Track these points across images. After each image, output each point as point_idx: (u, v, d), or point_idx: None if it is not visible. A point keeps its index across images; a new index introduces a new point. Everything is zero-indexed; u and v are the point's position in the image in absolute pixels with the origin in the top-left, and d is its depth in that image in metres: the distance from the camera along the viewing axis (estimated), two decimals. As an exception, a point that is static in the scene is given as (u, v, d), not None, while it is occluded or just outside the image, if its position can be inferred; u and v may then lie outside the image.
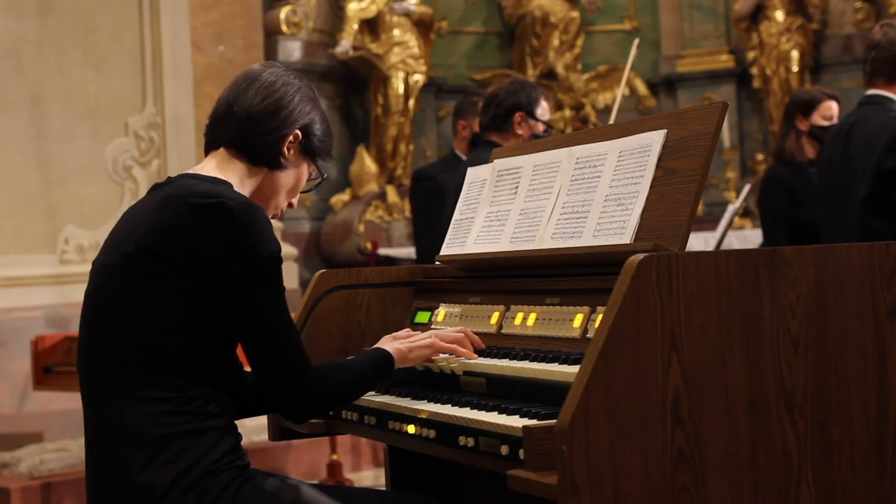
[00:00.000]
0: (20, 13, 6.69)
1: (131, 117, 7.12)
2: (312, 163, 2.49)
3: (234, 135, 2.39)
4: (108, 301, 2.26)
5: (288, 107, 2.40)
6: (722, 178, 8.88)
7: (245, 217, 2.21)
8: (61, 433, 6.38)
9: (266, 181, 2.43)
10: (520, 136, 4.39)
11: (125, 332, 2.21)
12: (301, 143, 2.43)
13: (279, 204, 2.48)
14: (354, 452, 6.49)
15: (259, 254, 2.21)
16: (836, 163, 4.21)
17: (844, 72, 8.83)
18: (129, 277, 2.22)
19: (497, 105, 4.45)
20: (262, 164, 2.41)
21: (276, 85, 2.41)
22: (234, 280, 2.20)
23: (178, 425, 2.18)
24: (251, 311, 2.22)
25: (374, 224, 8.43)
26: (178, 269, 2.19)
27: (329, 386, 2.31)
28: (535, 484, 1.89)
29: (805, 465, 2.01)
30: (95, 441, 2.26)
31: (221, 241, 2.19)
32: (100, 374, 2.25)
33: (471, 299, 2.71)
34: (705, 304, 1.95)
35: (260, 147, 2.40)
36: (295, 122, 2.41)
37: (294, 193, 2.50)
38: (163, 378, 2.19)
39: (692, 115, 2.32)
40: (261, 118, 2.39)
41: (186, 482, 2.15)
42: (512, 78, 4.63)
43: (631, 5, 9.83)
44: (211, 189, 2.26)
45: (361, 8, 8.66)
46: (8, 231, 6.59)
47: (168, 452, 2.16)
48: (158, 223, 2.22)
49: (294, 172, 2.46)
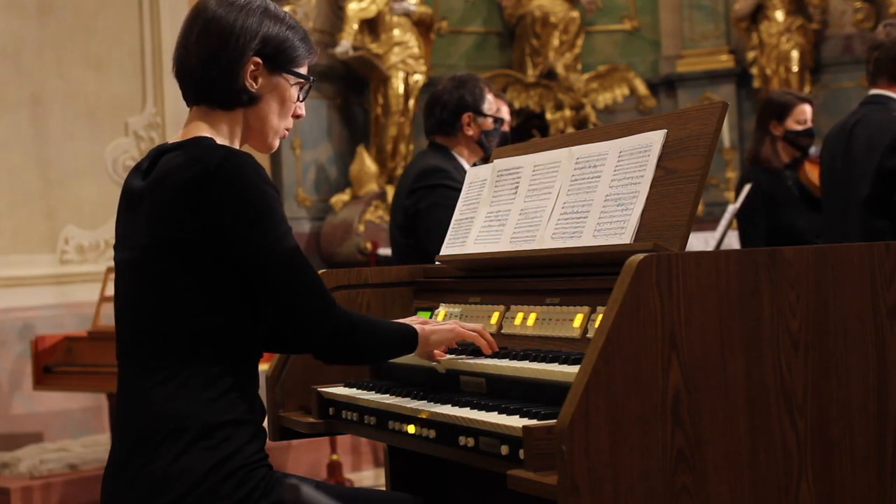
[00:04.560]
0: (20, 13, 6.69)
1: (131, 117, 7.12)
2: (290, 74, 2.36)
3: (197, 92, 2.34)
4: (136, 296, 2.26)
5: (231, 38, 2.28)
6: (722, 178, 8.88)
7: (227, 170, 2.18)
8: (61, 433, 6.38)
9: (250, 118, 2.35)
10: (470, 137, 4.18)
11: (158, 319, 2.21)
12: (265, 65, 2.33)
13: (276, 129, 2.38)
14: (354, 452, 6.50)
15: (254, 202, 2.18)
16: (837, 163, 4.21)
17: (844, 72, 8.81)
18: (152, 270, 2.22)
19: (442, 108, 4.19)
20: (235, 105, 2.33)
21: (213, 21, 2.30)
22: (240, 236, 2.18)
23: (219, 414, 2.18)
24: (264, 260, 2.19)
25: (374, 224, 8.42)
26: (193, 249, 2.18)
27: (355, 337, 2.29)
28: (535, 484, 1.89)
29: (805, 464, 2.01)
30: (128, 431, 2.24)
31: (214, 205, 2.17)
32: (140, 365, 2.24)
33: (471, 299, 2.71)
34: (705, 304, 1.95)
35: (222, 93, 2.31)
36: (244, 50, 2.29)
37: (286, 113, 2.39)
38: (201, 363, 2.19)
39: (692, 115, 2.32)
40: (209, 65, 2.29)
41: (225, 471, 2.15)
42: (452, 75, 4.35)
43: (631, 5, 9.82)
44: (189, 157, 2.21)
45: (361, 8, 8.65)
46: (8, 231, 6.59)
47: (209, 440, 2.16)
48: (161, 211, 2.21)
49: (274, 95, 2.35)
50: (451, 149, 4.22)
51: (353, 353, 2.34)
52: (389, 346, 2.40)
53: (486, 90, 4.22)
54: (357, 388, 2.66)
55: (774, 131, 5.13)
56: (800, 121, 5.13)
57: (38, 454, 5.87)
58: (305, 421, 2.72)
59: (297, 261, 2.23)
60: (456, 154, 4.21)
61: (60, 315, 6.50)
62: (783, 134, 5.12)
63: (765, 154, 5.13)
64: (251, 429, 2.23)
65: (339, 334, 2.26)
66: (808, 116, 5.15)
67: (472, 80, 4.26)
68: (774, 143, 5.13)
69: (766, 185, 5.04)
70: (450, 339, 2.46)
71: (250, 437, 2.22)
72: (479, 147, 4.22)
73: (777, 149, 5.13)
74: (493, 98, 4.29)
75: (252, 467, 2.19)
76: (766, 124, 5.16)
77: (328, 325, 2.25)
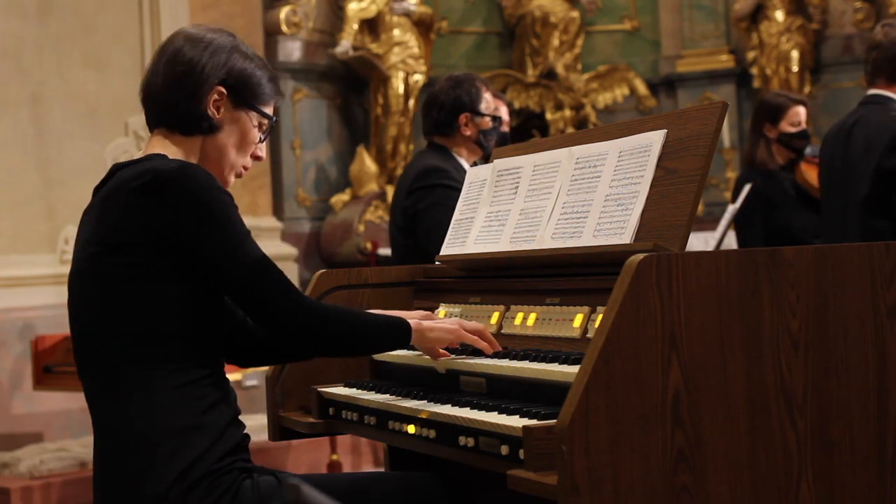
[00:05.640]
0: (20, 13, 6.69)
1: (131, 117, 7.11)
2: (253, 110, 2.39)
3: (159, 114, 2.36)
4: (88, 303, 2.27)
5: (197, 67, 2.32)
6: (722, 178, 8.88)
7: (181, 178, 2.19)
8: (61, 433, 6.38)
9: (207, 147, 2.37)
10: (468, 137, 4.17)
11: (110, 326, 2.22)
12: (229, 97, 2.36)
13: (233, 163, 2.40)
14: (354, 452, 6.50)
15: (208, 206, 2.19)
16: (836, 163, 4.21)
17: (844, 72, 8.82)
18: (102, 275, 2.23)
19: (439, 108, 4.17)
20: (195, 131, 2.35)
21: (182, 50, 2.34)
22: (195, 240, 2.19)
23: (176, 419, 2.17)
24: (222, 263, 2.20)
25: (374, 224, 8.42)
26: (145, 253, 2.19)
27: (329, 329, 2.28)
28: (535, 484, 1.89)
29: (805, 464, 2.01)
30: (98, 443, 2.25)
31: (170, 211, 2.18)
32: (95, 375, 2.26)
33: (471, 299, 2.71)
34: (705, 304, 1.95)
35: (184, 117, 2.34)
36: (209, 79, 2.33)
37: (246, 148, 2.40)
38: (158, 369, 2.19)
39: (692, 115, 2.32)
40: (173, 89, 2.33)
41: (188, 482, 2.14)
42: (449, 75, 4.32)
43: (631, 5, 9.82)
44: (142, 168, 2.23)
45: (361, 8, 8.65)
46: (8, 231, 6.59)
47: (168, 449, 2.15)
48: (111, 219, 2.23)
49: (234, 128, 2.38)
50: (450, 149, 4.21)
51: (329, 345, 2.33)
52: (371, 337, 2.38)
53: (483, 89, 4.20)
54: (357, 388, 2.66)
55: (769, 134, 5.14)
56: (794, 123, 5.12)
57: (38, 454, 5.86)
58: (305, 421, 2.72)
59: (259, 263, 2.23)
60: (455, 154, 4.21)
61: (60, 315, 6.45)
62: (778, 136, 5.12)
63: (760, 157, 5.13)
64: (213, 432, 2.20)
65: (309, 327, 2.26)
66: (801, 118, 5.15)
67: (468, 79, 4.24)
68: (769, 146, 5.13)
69: (763, 186, 5.04)
70: (449, 340, 2.46)
71: (213, 441, 2.19)
72: (477, 147, 4.21)
73: (772, 151, 5.13)
74: (491, 97, 4.27)
75: (217, 475, 2.17)
76: (761, 127, 5.16)
77: (297, 320, 2.24)
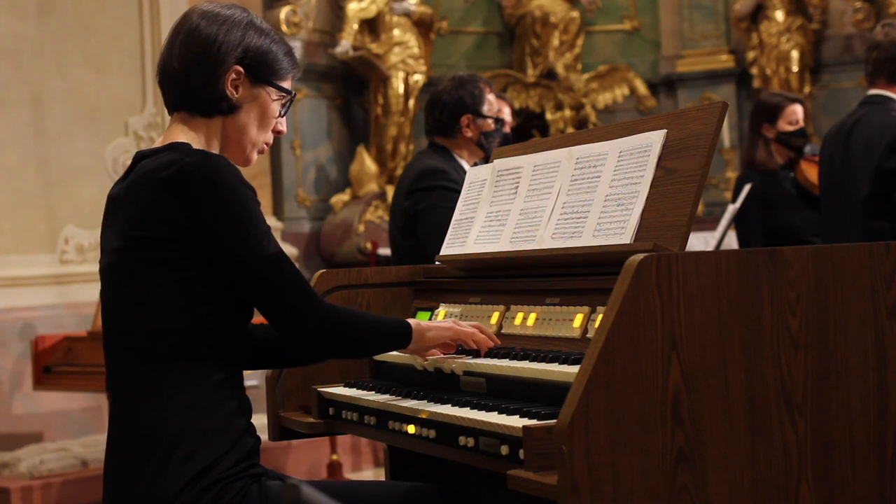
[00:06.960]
0: (20, 13, 6.69)
1: (131, 117, 7.12)
2: (271, 86, 2.38)
3: (178, 97, 2.35)
4: (117, 299, 2.26)
5: (213, 47, 2.30)
6: (722, 178, 8.88)
7: (206, 172, 2.19)
8: (61, 433, 6.38)
9: (228, 127, 2.36)
10: (469, 138, 4.16)
11: (139, 323, 2.21)
12: (246, 75, 2.35)
13: (255, 141, 2.39)
14: (354, 452, 6.50)
15: (230, 201, 2.19)
16: (836, 163, 4.21)
17: (844, 72, 8.82)
18: (129, 270, 2.22)
19: (441, 109, 4.17)
20: (215, 112, 2.34)
21: (198, 28, 2.33)
22: (218, 236, 2.18)
23: (195, 421, 2.16)
24: (241, 258, 2.20)
25: (374, 224, 8.42)
26: (171, 247, 2.18)
27: (341, 329, 2.29)
28: (535, 484, 1.89)
29: (805, 464, 2.01)
30: (113, 440, 2.24)
31: (194, 207, 2.17)
32: (123, 372, 2.24)
33: (471, 299, 2.71)
34: (705, 304, 1.95)
35: (203, 99, 2.32)
36: (226, 58, 2.31)
37: (266, 125, 2.40)
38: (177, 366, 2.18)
39: (692, 115, 2.32)
40: (191, 71, 2.32)
41: (200, 486, 2.13)
42: (453, 75, 4.31)
43: (631, 5, 9.82)
44: (166, 160, 2.22)
45: (361, 8, 8.65)
46: (8, 231, 6.59)
47: (184, 452, 2.14)
48: (136, 212, 2.22)
49: (254, 106, 2.37)
50: (451, 150, 4.20)
51: (340, 346, 2.34)
52: (378, 339, 2.41)
53: (486, 91, 4.18)
54: (357, 387, 2.66)
55: (767, 134, 5.14)
56: (791, 121, 5.13)
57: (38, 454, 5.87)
58: (305, 421, 2.72)
59: (277, 260, 2.23)
60: (456, 155, 4.20)
61: (60, 315, 6.50)
62: (776, 136, 5.12)
63: (759, 157, 5.13)
64: (230, 437, 2.20)
65: (323, 328, 2.26)
66: (799, 116, 5.15)
67: (472, 80, 4.22)
68: (768, 146, 5.13)
69: (763, 186, 5.04)
70: (446, 337, 2.47)
71: (229, 447, 2.19)
72: (478, 148, 4.21)
73: (771, 151, 5.13)
74: (495, 98, 4.25)
75: (229, 480, 2.17)
76: (759, 127, 5.17)
77: (313, 320, 2.25)
